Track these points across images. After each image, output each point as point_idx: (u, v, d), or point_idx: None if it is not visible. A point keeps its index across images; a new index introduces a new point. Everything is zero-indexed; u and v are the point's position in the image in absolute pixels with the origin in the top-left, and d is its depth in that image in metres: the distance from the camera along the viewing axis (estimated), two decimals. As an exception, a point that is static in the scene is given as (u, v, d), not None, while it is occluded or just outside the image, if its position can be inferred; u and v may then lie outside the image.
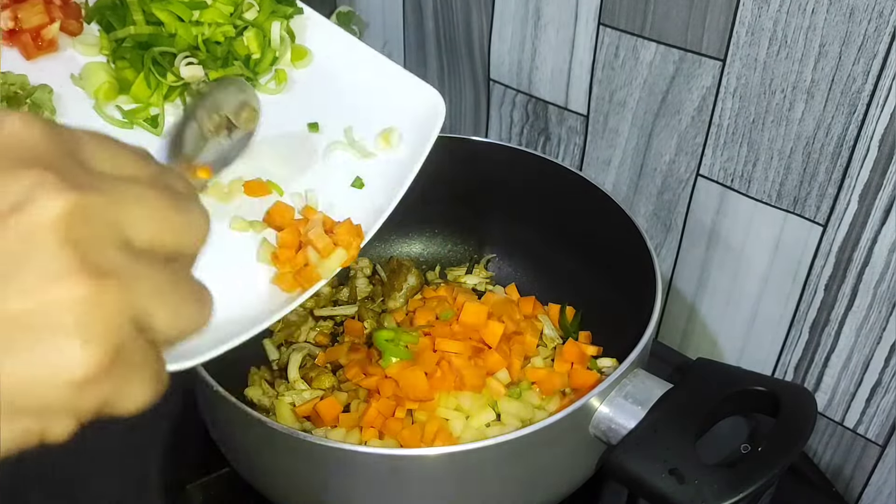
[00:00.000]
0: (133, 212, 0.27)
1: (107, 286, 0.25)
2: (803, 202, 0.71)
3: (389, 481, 0.55)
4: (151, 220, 0.28)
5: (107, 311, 0.25)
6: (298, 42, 0.71)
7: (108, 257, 0.26)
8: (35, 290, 0.25)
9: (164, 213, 0.29)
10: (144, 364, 0.27)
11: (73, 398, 0.25)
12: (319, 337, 0.77)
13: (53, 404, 0.25)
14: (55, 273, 0.25)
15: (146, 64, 0.63)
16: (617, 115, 0.82)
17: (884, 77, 0.62)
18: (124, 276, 0.26)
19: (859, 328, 0.72)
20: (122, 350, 0.26)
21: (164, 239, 0.28)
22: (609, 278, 0.76)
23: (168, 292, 0.28)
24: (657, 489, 0.51)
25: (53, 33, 0.64)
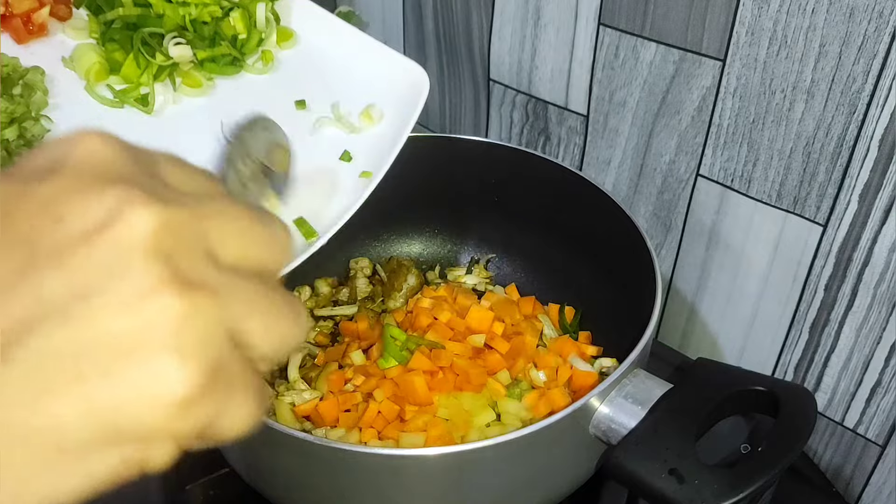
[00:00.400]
0: (219, 226, 0.27)
1: (200, 299, 0.24)
2: (803, 202, 0.71)
3: (389, 481, 0.55)
4: (237, 233, 0.27)
5: (202, 324, 0.24)
6: (284, 24, 0.72)
7: (199, 271, 0.25)
8: (128, 307, 0.23)
9: (248, 226, 0.28)
10: (244, 382, 0.26)
11: (173, 421, 0.24)
12: (319, 337, 0.77)
13: (153, 429, 0.24)
14: (148, 288, 0.24)
15: (135, 45, 0.65)
16: (617, 115, 0.82)
17: (884, 77, 0.62)
18: (216, 290, 0.25)
19: (859, 328, 0.72)
20: (220, 367, 0.25)
21: (249, 253, 0.28)
22: (609, 278, 0.76)
23: (261, 306, 0.27)
24: (657, 489, 0.51)
25: (43, 17, 0.66)
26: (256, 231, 0.28)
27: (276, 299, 0.28)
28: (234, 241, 0.27)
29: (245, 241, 0.28)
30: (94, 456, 0.24)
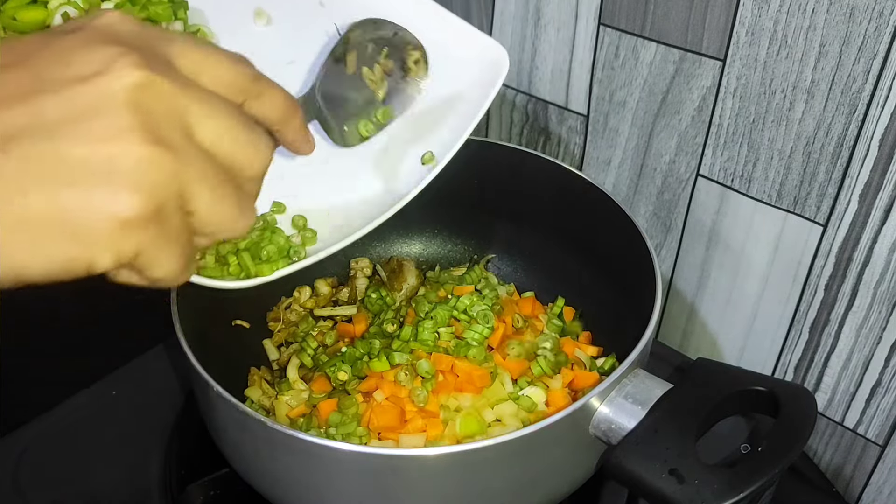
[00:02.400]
0: (201, 109, 0.31)
1: (163, 154, 0.30)
2: (803, 202, 0.71)
3: (389, 481, 0.55)
4: (217, 123, 0.32)
5: (157, 174, 0.29)
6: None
7: (170, 133, 0.30)
8: (100, 140, 0.29)
9: (231, 124, 0.33)
10: (179, 238, 0.31)
11: (115, 235, 0.29)
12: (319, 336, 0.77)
13: (99, 236, 0.29)
14: (120, 129, 0.29)
15: None
16: (617, 115, 0.82)
17: (884, 77, 0.62)
18: (180, 154, 0.30)
19: (859, 328, 0.72)
20: (162, 213, 0.30)
21: (224, 145, 0.32)
22: (609, 278, 0.76)
23: (216, 186, 0.32)
24: (657, 489, 0.51)
25: None
26: (238, 130, 0.33)
27: (230, 189, 0.33)
28: (212, 127, 0.32)
29: (223, 133, 0.32)
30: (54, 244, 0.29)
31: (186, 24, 0.63)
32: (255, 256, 0.55)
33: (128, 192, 0.29)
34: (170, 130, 0.30)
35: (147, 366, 0.81)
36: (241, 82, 0.35)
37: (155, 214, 0.30)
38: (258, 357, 0.76)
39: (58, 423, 0.75)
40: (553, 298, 0.79)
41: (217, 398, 0.55)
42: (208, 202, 0.32)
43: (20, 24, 0.57)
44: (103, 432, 0.74)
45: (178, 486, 0.68)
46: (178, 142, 0.30)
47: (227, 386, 0.55)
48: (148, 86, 0.30)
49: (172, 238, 0.31)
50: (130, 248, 0.30)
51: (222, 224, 0.33)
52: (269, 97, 0.37)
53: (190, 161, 0.31)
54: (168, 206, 0.30)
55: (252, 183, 0.35)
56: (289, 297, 0.80)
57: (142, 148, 0.29)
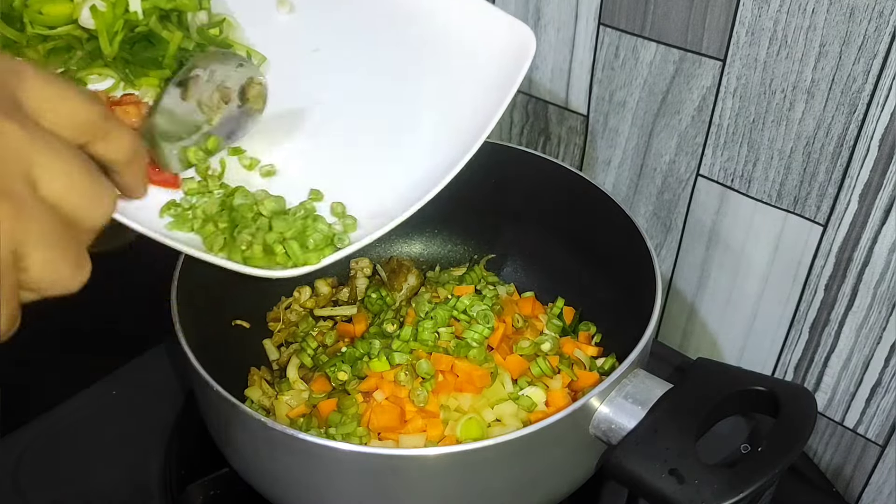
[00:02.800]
0: (48, 161, 0.29)
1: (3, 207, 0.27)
2: (803, 202, 0.71)
3: (389, 481, 0.55)
4: (63, 175, 0.30)
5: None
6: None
7: (13, 186, 0.28)
8: None
9: (76, 175, 0.30)
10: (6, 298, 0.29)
11: None
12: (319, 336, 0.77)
13: None
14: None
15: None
16: (617, 115, 0.82)
17: (884, 77, 0.62)
18: (21, 209, 0.28)
19: (859, 328, 0.72)
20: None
21: (70, 199, 0.30)
22: (609, 278, 0.76)
23: (52, 244, 0.30)
24: (657, 489, 0.51)
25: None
26: (84, 184, 0.31)
27: (70, 247, 0.31)
28: (58, 181, 0.30)
29: (68, 188, 0.30)
30: None
31: (210, 13, 0.62)
32: (302, 245, 0.54)
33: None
34: (14, 181, 0.28)
35: (147, 366, 0.81)
36: (89, 122, 0.33)
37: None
38: (258, 357, 0.76)
39: (58, 423, 0.75)
40: (553, 298, 0.79)
41: (217, 398, 0.55)
42: (44, 261, 0.29)
43: (46, 19, 0.56)
44: (103, 432, 0.74)
45: (178, 486, 0.68)
46: (23, 194, 0.28)
47: (227, 386, 0.55)
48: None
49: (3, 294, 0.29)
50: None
51: (57, 282, 0.31)
52: (117, 138, 0.35)
53: (31, 217, 0.29)
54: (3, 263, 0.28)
55: (90, 234, 0.33)
56: (289, 297, 0.80)
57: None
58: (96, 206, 0.32)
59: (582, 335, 0.77)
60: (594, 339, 0.77)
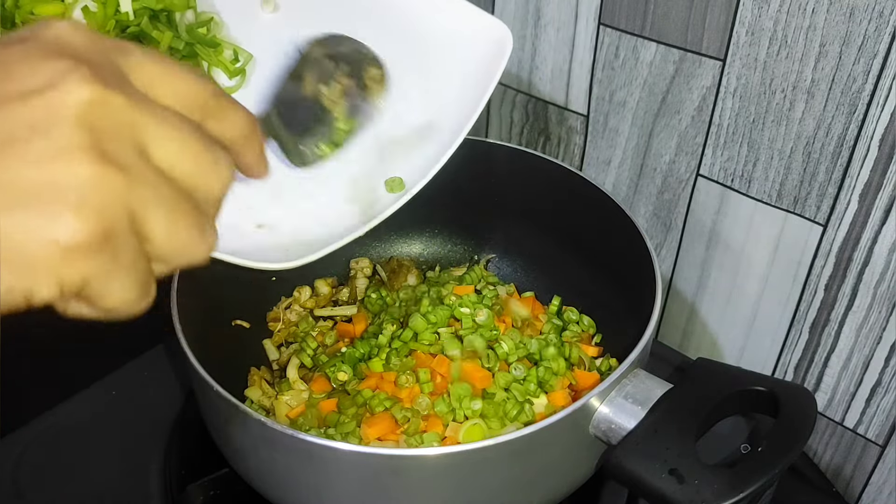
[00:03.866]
0: (157, 127, 0.29)
1: (113, 175, 0.27)
2: (803, 202, 0.71)
3: (389, 481, 0.55)
4: (174, 142, 0.30)
5: (106, 195, 0.27)
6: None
7: (121, 152, 0.28)
8: (44, 160, 0.26)
9: (190, 143, 0.30)
10: (132, 266, 0.29)
11: (56, 263, 0.27)
12: (319, 336, 0.77)
13: (38, 264, 0.26)
14: (66, 148, 0.27)
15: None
16: (617, 115, 0.82)
17: (884, 77, 0.62)
18: (132, 175, 0.28)
19: (859, 328, 0.72)
20: (111, 237, 0.27)
21: (183, 166, 0.30)
22: (609, 278, 0.76)
23: (172, 209, 0.29)
24: (657, 489, 0.51)
25: None
26: (196, 150, 0.30)
27: (189, 211, 0.30)
28: (168, 147, 0.29)
29: (181, 153, 0.30)
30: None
31: (197, 12, 0.62)
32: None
33: (71, 216, 0.26)
34: (122, 149, 0.28)
35: (147, 366, 0.81)
36: (202, 99, 0.33)
37: (103, 240, 0.27)
38: (258, 357, 0.76)
39: (58, 423, 0.75)
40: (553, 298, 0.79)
41: (217, 398, 0.55)
42: (165, 227, 0.29)
43: (38, 19, 0.57)
44: (103, 432, 0.74)
45: (178, 486, 0.68)
46: (132, 161, 0.28)
47: (227, 386, 0.55)
48: (99, 102, 0.27)
49: (125, 265, 0.28)
50: (75, 277, 0.27)
51: (182, 250, 0.30)
52: (231, 116, 0.34)
53: (144, 182, 0.28)
54: (118, 230, 0.28)
55: (212, 205, 0.32)
56: (289, 297, 0.80)
57: (89, 167, 0.27)
58: (213, 175, 0.31)
59: (583, 336, 0.77)
60: (594, 339, 0.77)
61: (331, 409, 0.67)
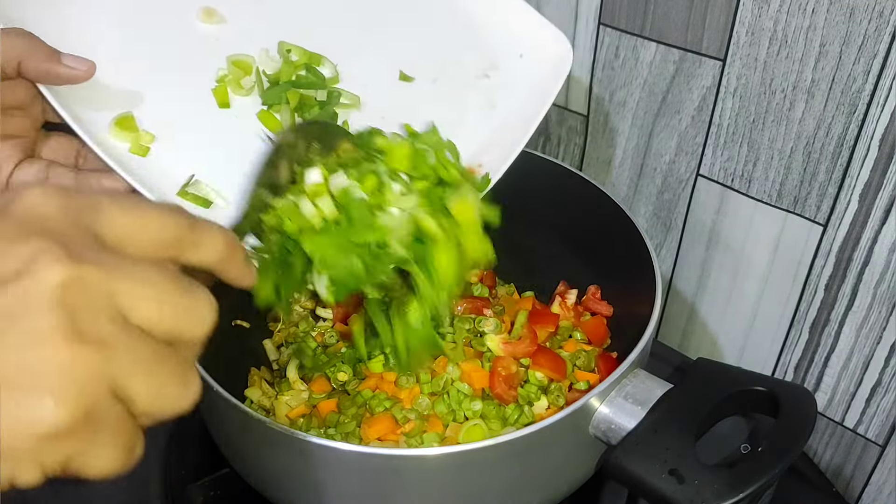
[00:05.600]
0: (132, 288, 0.29)
1: (90, 353, 0.27)
2: (803, 202, 0.71)
3: (389, 481, 0.55)
4: (151, 298, 0.30)
5: (84, 376, 0.27)
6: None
7: (98, 327, 0.28)
8: (20, 348, 0.26)
9: (165, 294, 0.30)
10: (116, 431, 0.29)
11: (38, 450, 0.27)
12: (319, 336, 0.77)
13: (19, 453, 0.27)
14: (42, 334, 0.27)
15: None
16: (617, 115, 0.82)
17: (884, 77, 0.62)
18: (111, 347, 0.28)
19: (859, 328, 0.72)
20: (92, 415, 0.28)
21: (162, 319, 0.30)
22: (609, 278, 0.76)
23: (152, 370, 0.29)
24: (657, 489, 0.51)
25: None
26: (175, 301, 0.30)
27: (170, 367, 0.30)
28: (147, 307, 0.29)
29: (159, 310, 0.30)
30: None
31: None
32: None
33: (51, 402, 0.27)
34: (99, 323, 0.28)
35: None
36: (175, 235, 0.33)
37: (83, 421, 0.27)
38: (258, 357, 0.76)
39: (58, 423, 0.75)
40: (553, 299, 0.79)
41: (217, 398, 0.55)
42: (148, 387, 0.29)
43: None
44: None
45: (178, 486, 0.68)
46: (110, 333, 0.28)
47: (227, 386, 0.55)
48: (73, 281, 0.28)
49: (108, 436, 0.29)
50: (57, 458, 0.28)
51: (167, 404, 0.31)
52: (207, 242, 0.34)
53: (124, 351, 0.28)
54: (99, 407, 0.28)
55: (195, 347, 0.32)
56: (289, 297, 0.80)
57: (67, 350, 0.27)
58: (194, 320, 0.31)
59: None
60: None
61: (331, 410, 0.67)
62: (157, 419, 0.31)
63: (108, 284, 0.28)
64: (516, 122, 0.61)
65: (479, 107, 0.64)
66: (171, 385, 0.30)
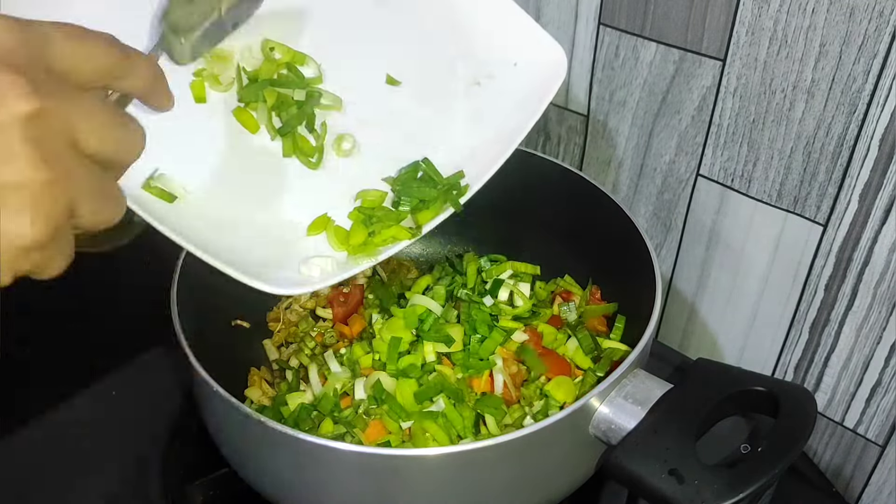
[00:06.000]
0: (83, 120, 0.33)
1: (57, 178, 0.32)
2: (803, 202, 0.71)
3: (389, 481, 0.55)
4: (97, 129, 0.34)
5: (54, 197, 0.32)
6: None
7: (60, 155, 0.32)
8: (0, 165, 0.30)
9: (110, 125, 0.35)
10: (68, 244, 0.35)
11: (15, 260, 0.32)
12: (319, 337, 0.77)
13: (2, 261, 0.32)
14: (15, 161, 0.31)
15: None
16: (617, 115, 0.82)
17: (884, 77, 0.62)
18: (70, 173, 0.33)
19: (859, 328, 0.72)
20: (58, 233, 0.33)
21: (106, 148, 0.35)
22: (609, 278, 0.76)
23: (98, 192, 0.35)
24: (657, 489, 0.51)
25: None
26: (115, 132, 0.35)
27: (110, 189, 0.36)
28: (94, 137, 0.34)
29: (103, 139, 0.34)
30: None
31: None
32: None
33: (28, 221, 0.31)
34: (60, 151, 0.32)
35: (147, 366, 0.81)
36: (110, 65, 0.37)
37: (54, 235, 0.32)
38: (258, 357, 0.76)
39: (58, 423, 0.75)
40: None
41: (217, 398, 0.55)
42: (92, 208, 0.34)
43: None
44: (103, 432, 0.74)
45: (178, 486, 0.68)
46: (69, 162, 0.33)
47: (227, 386, 0.55)
48: (38, 114, 0.31)
49: (64, 246, 0.34)
50: (27, 266, 0.33)
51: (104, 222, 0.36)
52: (137, 70, 0.39)
53: (80, 178, 0.33)
54: (63, 226, 0.33)
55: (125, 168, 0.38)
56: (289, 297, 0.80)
57: (37, 174, 0.31)
58: (128, 148, 0.36)
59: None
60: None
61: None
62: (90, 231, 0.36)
63: (67, 117, 0.33)
64: (503, 133, 0.60)
65: (468, 114, 0.63)
66: (110, 205, 0.36)
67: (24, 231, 0.31)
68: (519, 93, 0.62)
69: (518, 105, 0.61)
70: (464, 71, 0.64)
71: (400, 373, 0.66)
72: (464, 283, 0.76)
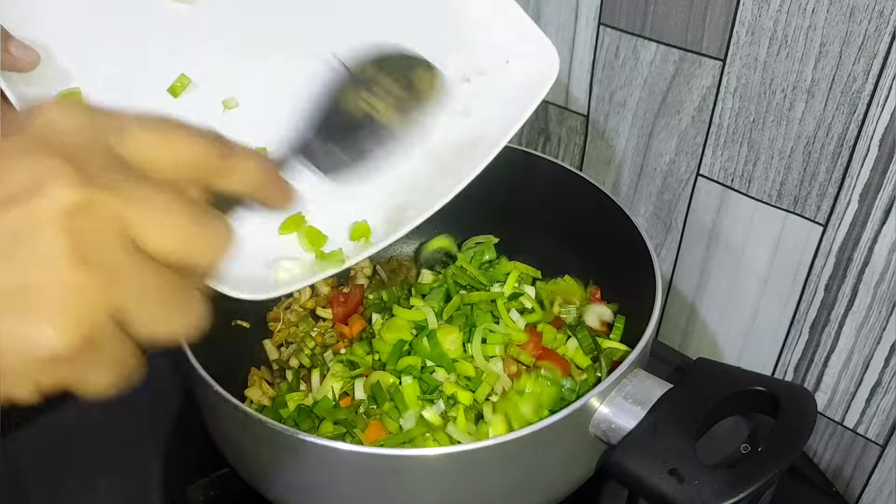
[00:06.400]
0: (145, 215, 0.28)
1: (94, 279, 0.27)
2: (803, 202, 0.71)
3: (389, 481, 0.55)
4: (163, 226, 0.29)
5: (86, 303, 0.27)
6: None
7: (104, 254, 0.27)
8: (25, 269, 0.26)
9: (177, 221, 0.29)
10: (115, 357, 0.29)
11: (35, 372, 0.27)
12: (319, 336, 0.77)
13: (17, 373, 0.27)
14: (47, 258, 0.26)
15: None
16: (617, 115, 0.82)
17: (884, 77, 0.62)
18: (116, 274, 0.28)
19: (859, 328, 0.72)
20: (91, 342, 0.27)
21: (173, 246, 0.29)
22: (609, 278, 0.76)
23: (157, 298, 0.29)
24: (657, 489, 0.51)
25: None
26: (186, 227, 0.30)
27: (172, 294, 0.30)
28: (157, 233, 0.29)
29: (171, 234, 0.29)
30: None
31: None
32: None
33: (50, 330, 0.26)
34: (106, 249, 0.28)
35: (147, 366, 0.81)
36: (204, 160, 0.32)
37: (82, 348, 0.27)
38: (258, 357, 0.76)
39: (58, 423, 0.75)
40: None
41: (217, 398, 0.55)
42: (149, 315, 0.29)
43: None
44: (103, 432, 0.74)
45: (178, 486, 0.68)
46: (115, 260, 0.28)
47: (227, 386, 0.55)
48: (82, 205, 0.27)
49: (105, 361, 0.29)
50: (55, 380, 0.28)
51: (165, 332, 0.30)
52: (240, 168, 0.34)
53: (129, 278, 0.28)
54: (100, 334, 0.28)
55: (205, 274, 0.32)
56: (289, 297, 0.80)
57: (68, 276, 0.26)
58: (206, 247, 0.30)
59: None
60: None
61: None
62: (157, 344, 0.31)
63: (119, 210, 0.28)
64: (490, 132, 0.59)
65: (455, 111, 0.62)
66: (174, 313, 0.30)
67: (46, 341, 0.26)
68: (507, 93, 0.61)
69: (505, 106, 0.60)
70: (454, 66, 0.63)
71: (400, 373, 0.66)
72: (464, 280, 0.76)
